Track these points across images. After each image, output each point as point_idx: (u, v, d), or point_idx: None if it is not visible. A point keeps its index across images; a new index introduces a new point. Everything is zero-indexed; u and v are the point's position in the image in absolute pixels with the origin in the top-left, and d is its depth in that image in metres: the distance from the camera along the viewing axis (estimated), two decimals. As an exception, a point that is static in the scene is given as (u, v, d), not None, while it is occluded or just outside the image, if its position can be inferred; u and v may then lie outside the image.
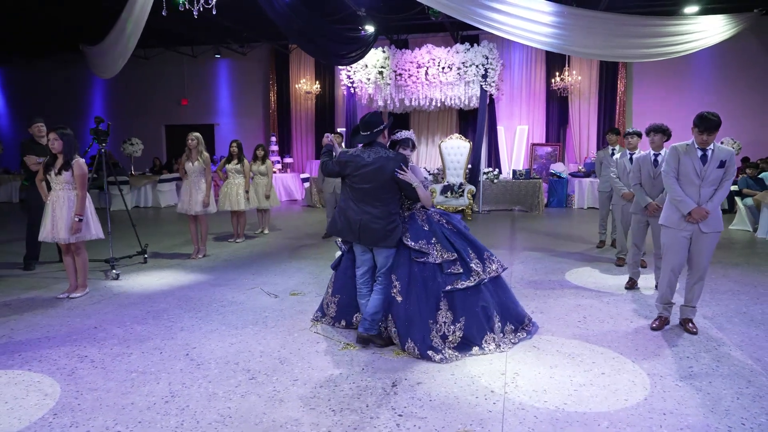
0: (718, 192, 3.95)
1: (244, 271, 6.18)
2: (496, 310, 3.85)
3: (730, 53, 11.84)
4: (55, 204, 4.96)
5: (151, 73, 15.46)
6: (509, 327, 3.89)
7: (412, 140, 3.96)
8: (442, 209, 4.34)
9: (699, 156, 3.94)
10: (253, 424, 2.78)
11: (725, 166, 3.91)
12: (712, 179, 3.93)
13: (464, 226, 4.05)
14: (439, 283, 3.71)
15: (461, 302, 3.72)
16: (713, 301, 4.86)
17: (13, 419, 2.84)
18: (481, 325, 3.72)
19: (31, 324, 4.37)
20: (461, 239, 3.91)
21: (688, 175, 3.98)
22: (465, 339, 3.67)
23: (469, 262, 3.80)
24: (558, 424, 2.76)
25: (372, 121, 3.76)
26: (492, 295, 3.89)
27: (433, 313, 3.68)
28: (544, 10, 7.43)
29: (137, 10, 6.96)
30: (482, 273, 3.82)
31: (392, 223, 3.71)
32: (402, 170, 3.64)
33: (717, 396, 3.06)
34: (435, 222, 3.92)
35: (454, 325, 3.67)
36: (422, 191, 3.73)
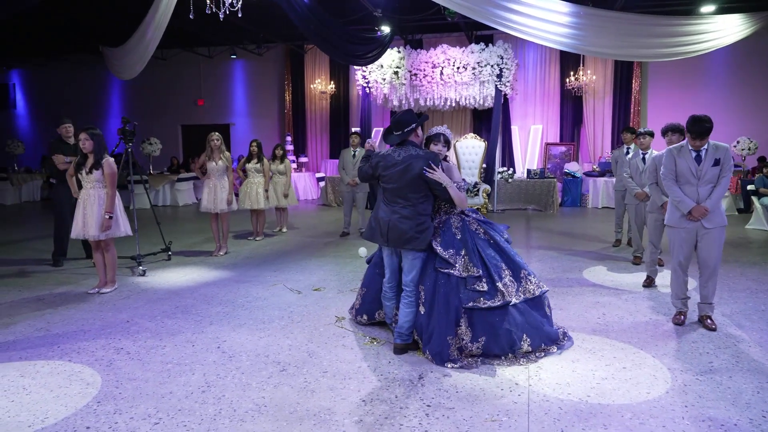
0: (716, 189, 4.03)
1: (266, 268, 6.32)
2: (526, 332, 3.57)
3: (745, 52, 11.80)
4: (86, 202, 5.12)
5: (168, 73, 15.67)
6: (541, 347, 3.63)
7: (444, 135, 3.78)
8: (485, 216, 4.10)
9: (693, 157, 4.03)
10: (288, 413, 2.90)
11: (720, 163, 4.00)
12: (709, 178, 4.02)
13: (506, 239, 3.87)
14: (461, 299, 3.53)
15: (482, 321, 3.52)
16: (731, 300, 4.91)
17: (59, 406, 2.98)
18: (503, 348, 3.51)
19: (66, 317, 4.52)
20: (497, 253, 3.72)
21: (684, 176, 4.08)
22: (484, 356, 3.54)
23: (497, 280, 3.58)
24: (582, 416, 2.85)
25: (403, 120, 3.65)
26: (523, 315, 3.61)
27: (453, 328, 3.53)
28: (560, 11, 7.49)
29: (160, 12, 7.12)
30: (511, 294, 3.60)
31: (421, 225, 3.56)
32: (431, 168, 3.47)
33: (737, 390, 3.13)
34: (470, 231, 3.73)
35: (472, 343, 3.51)
36: (455, 192, 3.53)
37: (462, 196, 3.60)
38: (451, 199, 3.57)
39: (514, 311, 3.59)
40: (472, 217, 3.85)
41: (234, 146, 15.74)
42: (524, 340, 3.56)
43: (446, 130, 3.86)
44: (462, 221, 3.76)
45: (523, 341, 3.55)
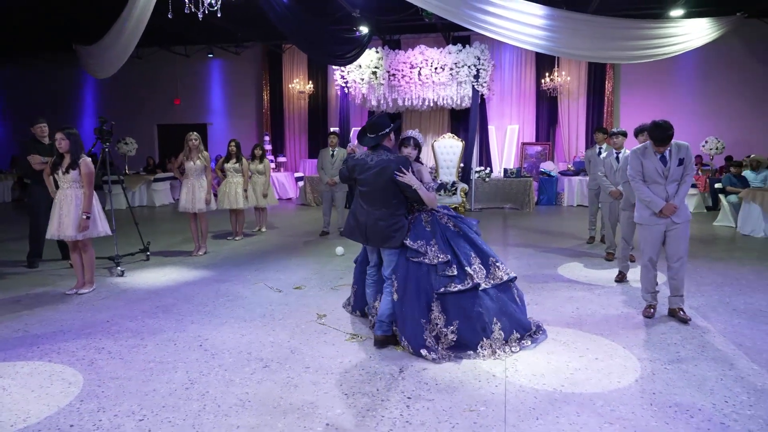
0: (681, 186, 4.23)
1: (247, 267, 6.33)
2: (497, 317, 3.71)
3: (714, 55, 12.18)
4: (63, 202, 5.08)
5: (144, 72, 15.46)
6: (514, 335, 3.75)
7: (414, 138, 3.93)
8: (456, 212, 4.17)
9: (658, 158, 4.20)
10: (272, 407, 2.95)
11: (684, 162, 4.19)
12: (675, 176, 4.21)
13: (475, 230, 3.99)
14: (433, 285, 3.68)
15: (454, 305, 3.65)
16: (699, 293, 5.11)
17: (42, 405, 2.99)
18: (476, 331, 3.63)
19: (44, 318, 4.49)
20: (465, 242, 3.86)
21: (652, 176, 4.25)
22: (459, 342, 3.63)
23: (466, 265, 3.73)
24: (556, 404, 2.96)
25: (378, 124, 3.79)
26: (494, 301, 3.75)
27: (426, 313, 3.66)
28: (535, 13, 7.65)
29: (138, 10, 7.07)
30: (480, 278, 3.74)
31: (396, 224, 3.74)
32: (401, 172, 3.63)
33: (702, 377, 3.29)
34: (440, 223, 3.87)
35: (446, 327, 3.63)
36: (424, 193, 3.71)
37: (431, 196, 3.77)
38: (421, 200, 3.75)
39: (485, 296, 3.73)
40: (442, 212, 3.97)
41: (211, 146, 15.61)
42: (495, 324, 3.69)
43: (417, 133, 4.00)
44: (432, 215, 3.90)
45: (494, 325, 3.68)
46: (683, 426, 2.73)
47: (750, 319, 4.36)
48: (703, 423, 2.75)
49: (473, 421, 2.79)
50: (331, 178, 8.13)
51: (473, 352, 3.59)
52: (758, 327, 4.17)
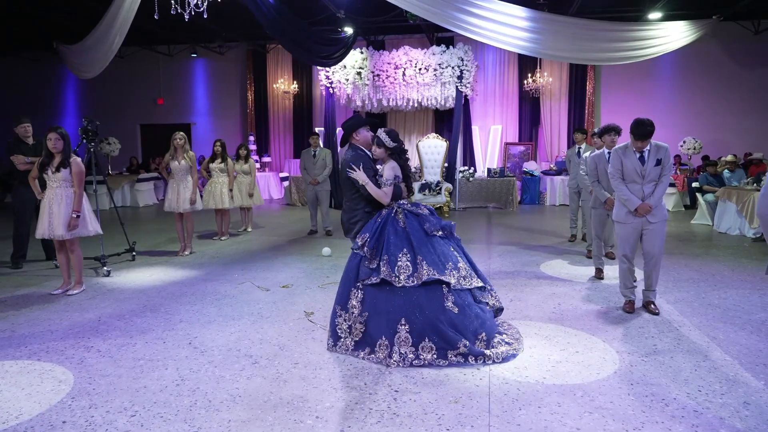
0: (658, 187, 4.37)
1: (233, 266, 6.37)
2: (406, 317, 3.53)
3: (691, 57, 12.47)
4: (52, 201, 5.08)
5: (126, 71, 15.34)
6: (428, 344, 3.50)
7: (378, 137, 3.94)
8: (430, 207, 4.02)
9: (637, 157, 4.35)
10: (262, 401, 3.02)
11: (662, 163, 4.34)
12: (652, 176, 4.36)
13: (425, 231, 3.77)
14: (359, 275, 3.72)
15: (370, 299, 3.65)
16: (675, 289, 5.27)
17: (33, 403, 3.01)
18: (380, 328, 3.59)
19: (31, 319, 4.49)
20: (403, 240, 3.71)
21: (630, 175, 4.40)
22: (367, 335, 3.63)
23: (387, 261, 3.64)
24: (538, 395, 3.07)
25: (347, 124, 4.13)
26: (408, 302, 3.56)
27: (343, 301, 3.75)
28: (518, 15, 7.79)
29: (123, 10, 7.06)
30: (398, 276, 3.59)
31: (354, 218, 3.97)
32: (351, 168, 3.84)
33: (677, 368, 3.42)
34: (391, 220, 3.81)
35: (360, 316, 3.66)
36: (372, 189, 3.79)
37: (379, 192, 3.83)
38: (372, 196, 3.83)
39: (398, 294, 3.58)
40: (405, 207, 3.87)
41: (195, 146, 15.50)
42: (402, 325, 3.53)
43: (382, 133, 3.96)
44: (389, 212, 3.85)
45: (401, 325, 3.54)
46: (659, 414, 2.85)
47: (723, 313, 4.52)
48: (678, 411, 2.88)
49: (458, 412, 2.88)
50: (314, 178, 8.20)
51: (370, 348, 3.58)
52: (731, 321, 4.33)
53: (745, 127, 12.67)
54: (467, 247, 4.18)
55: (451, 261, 3.72)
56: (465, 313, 3.62)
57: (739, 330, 4.12)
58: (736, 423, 2.76)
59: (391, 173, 3.91)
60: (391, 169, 3.92)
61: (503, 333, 3.89)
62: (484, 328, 3.67)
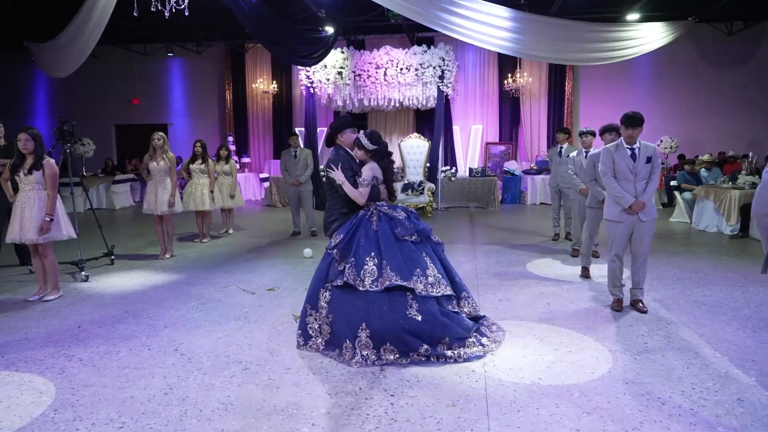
0: (649, 185, 4.43)
1: (216, 270, 6.24)
2: (366, 322, 3.50)
3: (667, 58, 12.68)
4: (24, 204, 4.89)
5: (100, 71, 14.94)
6: (389, 347, 3.49)
7: (357, 139, 3.96)
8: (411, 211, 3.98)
9: (629, 154, 4.38)
10: (255, 409, 2.93)
11: (651, 161, 4.39)
12: (643, 174, 4.41)
13: (396, 235, 3.71)
14: (327, 276, 3.74)
15: (335, 300, 3.65)
16: (660, 286, 5.33)
17: (13, 417, 2.88)
18: (343, 330, 3.57)
19: (6, 326, 4.31)
20: (372, 244, 3.67)
21: (622, 173, 4.42)
22: (333, 336, 3.64)
23: (349, 265, 3.62)
24: (535, 396, 3.05)
25: (333, 125, 4.21)
26: (369, 305, 3.53)
27: (313, 301, 3.77)
28: (500, 15, 7.80)
29: (99, 7, 6.86)
30: (362, 280, 3.56)
31: (331, 216, 4.05)
32: (330, 168, 3.94)
33: (670, 366, 3.44)
34: (365, 222, 3.79)
35: (327, 317, 3.67)
36: (349, 189, 3.83)
37: (355, 192, 3.85)
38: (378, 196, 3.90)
39: (360, 297, 3.56)
40: (382, 210, 3.84)
41: (172, 147, 14.91)
42: (363, 330, 3.51)
43: (361, 134, 3.98)
44: (366, 212, 3.85)
45: (361, 330, 3.51)
46: (656, 413, 2.85)
47: (709, 310, 4.58)
48: (674, 410, 2.88)
49: (457, 416, 2.84)
50: (296, 179, 8.10)
51: (339, 350, 3.57)
52: (717, 318, 4.38)
53: (720, 126, 12.94)
54: (451, 248, 4.18)
55: (419, 267, 3.65)
56: (429, 320, 3.54)
57: (726, 326, 4.17)
58: (732, 421, 2.77)
59: (370, 174, 3.88)
60: (370, 170, 3.90)
61: (484, 335, 3.80)
62: (448, 334, 3.57)
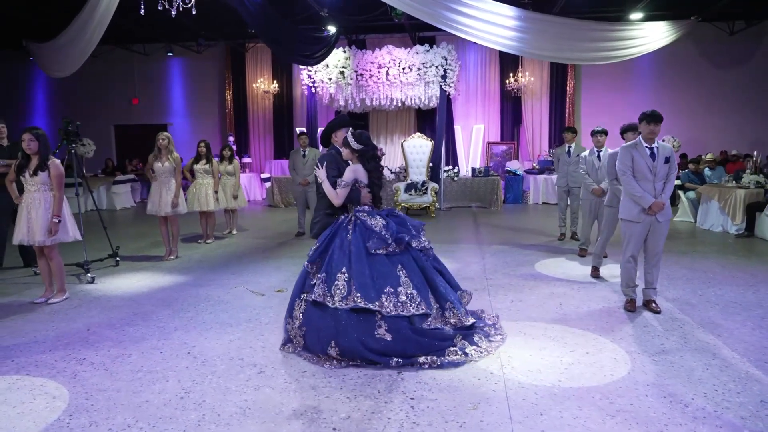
0: (667, 185, 4.40)
1: (223, 271, 6.18)
2: (335, 340, 3.44)
3: (669, 58, 12.67)
4: (31, 206, 4.83)
5: (99, 71, 14.84)
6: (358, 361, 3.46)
7: (345, 137, 3.85)
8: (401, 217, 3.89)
9: (648, 153, 4.35)
10: (274, 414, 2.88)
11: (669, 161, 4.37)
12: (662, 174, 4.38)
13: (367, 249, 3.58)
14: (303, 287, 3.70)
15: (307, 313, 3.59)
16: (671, 286, 5.30)
17: (27, 422, 2.82)
18: (314, 345, 3.54)
19: (15, 329, 4.26)
20: (344, 257, 3.57)
21: (642, 172, 4.38)
22: (305, 347, 3.60)
23: (319, 281, 3.54)
24: (557, 399, 3.01)
25: (329, 124, 4.22)
26: (336, 321, 3.45)
27: (291, 309, 3.74)
28: (505, 14, 7.77)
29: (102, 7, 6.79)
30: (332, 297, 3.47)
31: (316, 217, 4.11)
32: (317, 166, 3.95)
33: (689, 368, 3.41)
34: (342, 230, 3.70)
35: (299, 330, 3.65)
36: (327, 187, 3.79)
37: (331, 192, 3.79)
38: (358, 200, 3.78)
39: (332, 314, 3.48)
40: (360, 217, 3.73)
41: (172, 147, 15.17)
42: (332, 348, 3.45)
43: (349, 133, 3.85)
44: (345, 218, 3.78)
45: (330, 348, 3.45)
46: (680, 415, 2.82)
47: (723, 310, 4.55)
48: (698, 412, 2.85)
49: (479, 419, 2.80)
50: (304, 179, 8.05)
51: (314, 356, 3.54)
52: (732, 318, 4.35)
53: (722, 125, 12.95)
54: (457, 247, 4.14)
55: (390, 284, 3.47)
56: (400, 339, 3.43)
57: (741, 327, 4.15)
58: (757, 423, 2.74)
59: (350, 175, 3.76)
60: (352, 171, 3.77)
61: (473, 343, 3.65)
62: (422, 351, 3.45)
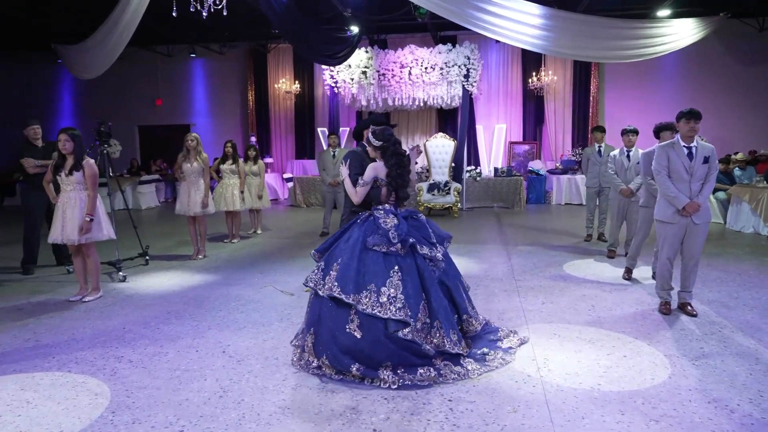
0: (705, 186, 4.29)
1: (251, 270, 6.23)
2: (315, 330, 3.41)
3: (695, 55, 12.43)
4: (66, 205, 4.92)
5: (123, 72, 14.98)
6: (325, 362, 3.31)
7: (367, 134, 3.85)
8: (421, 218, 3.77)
9: (686, 153, 4.27)
10: (313, 414, 2.89)
11: (709, 161, 4.27)
12: (700, 175, 4.27)
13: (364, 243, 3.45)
14: None
15: (313, 308, 3.49)
16: (706, 288, 5.20)
17: (72, 418, 2.87)
18: (302, 330, 3.53)
19: (53, 327, 4.33)
20: (344, 250, 3.47)
21: (678, 172, 4.29)
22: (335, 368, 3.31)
23: (317, 269, 3.51)
24: (598, 403, 2.97)
25: (359, 123, 4.40)
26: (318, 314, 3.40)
27: None
28: (532, 12, 7.71)
29: (131, 10, 6.89)
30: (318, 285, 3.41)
31: (343, 215, 4.26)
32: (342, 164, 3.98)
33: (732, 373, 3.34)
34: (357, 226, 3.60)
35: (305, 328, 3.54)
36: (347, 186, 3.83)
37: (351, 189, 3.81)
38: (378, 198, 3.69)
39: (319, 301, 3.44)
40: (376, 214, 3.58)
41: (195, 147, 15.32)
42: (311, 334, 3.44)
43: (369, 132, 3.83)
44: (363, 215, 3.67)
45: (309, 334, 3.44)
46: (726, 422, 2.76)
47: (762, 314, 4.45)
48: (745, 418, 2.79)
49: (520, 423, 2.78)
50: (334, 179, 8.08)
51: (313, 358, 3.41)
52: (771, 321, 4.26)
53: (750, 124, 12.68)
54: (483, 248, 4.10)
55: (375, 282, 3.29)
56: (370, 340, 3.23)
57: (782, 331, 4.06)
58: (808, 430, 2.68)
59: (371, 173, 3.72)
60: (372, 169, 3.72)
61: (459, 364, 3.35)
62: (393, 360, 3.24)
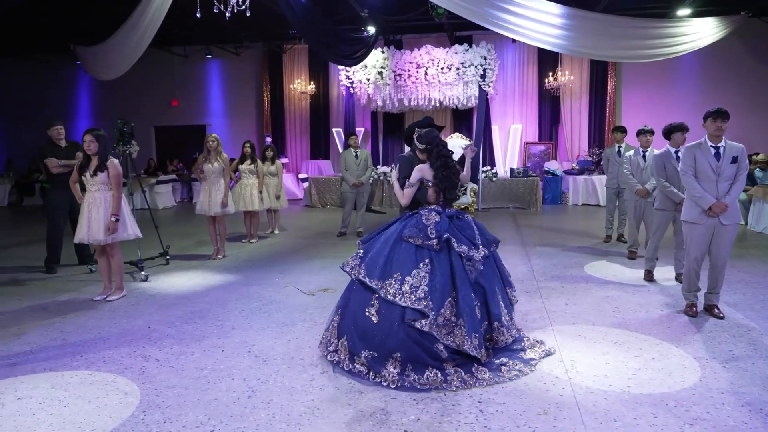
0: (734, 186, 4.21)
1: (270, 270, 6.25)
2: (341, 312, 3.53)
3: (713, 54, 12.27)
4: (92, 205, 4.97)
5: (140, 73, 15.07)
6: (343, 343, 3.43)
7: (414, 139, 3.96)
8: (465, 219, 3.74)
9: (713, 153, 4.20)
10: (342, 414, 2.89)
11: (738, 161, 4.19)
12: (727, 174, 4.19)
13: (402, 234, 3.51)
14: None
15: (346, 291, 3.63)
16: (731, 291, 5.13)
17: (104, 417, 2.89)
18: (347, 325, 3.45)
19: (79, 326, 4.38)
20: (383, 244, 3.55)
21: (704, 172, 4.23)
22: (349, 351, 3.39)
23: (355, 255, 3.61)
24: (629, 405, 2.94)
25: (411, 124, 4.32)
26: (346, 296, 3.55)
27: None
28: (552, 12, 7.66)
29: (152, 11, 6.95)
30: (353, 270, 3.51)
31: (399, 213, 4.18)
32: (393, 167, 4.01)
33: (764, 376, 3.29)
34: (399, 221, 3.68)
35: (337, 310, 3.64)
36: (395, 188, 3.95)
37: (398, 192, 3.91)
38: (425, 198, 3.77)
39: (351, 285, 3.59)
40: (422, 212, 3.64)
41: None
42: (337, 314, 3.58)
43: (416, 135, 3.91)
44: (405, 215, 3.75)
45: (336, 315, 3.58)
46: (762, 425, 2.72)
47: (791, 316, 4.39)
48: (781, 422, 2.75)
49: (552, 425, 2.76)
50: (357, 179, 8.09)
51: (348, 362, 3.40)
52: (801, 324, 4.20)
53: (770, 124, 12.51)
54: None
55: (401, 272, 3.35)
56: (384, 326, 3.29)
57: (812, 334, 3.99)
58: None
59: (417, 175, 3.77)
60: (418, 171, 3.78)
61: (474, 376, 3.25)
62: (402, 351, 3.24)
